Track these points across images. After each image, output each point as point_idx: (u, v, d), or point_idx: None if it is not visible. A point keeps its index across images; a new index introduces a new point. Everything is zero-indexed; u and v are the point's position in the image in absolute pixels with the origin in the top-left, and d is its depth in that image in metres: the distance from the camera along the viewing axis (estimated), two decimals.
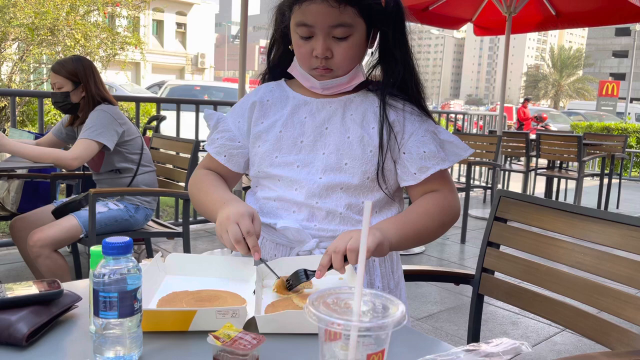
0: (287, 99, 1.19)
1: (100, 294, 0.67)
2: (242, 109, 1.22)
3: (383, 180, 1.13)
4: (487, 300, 2.85)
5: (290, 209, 1.14)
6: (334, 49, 1.08)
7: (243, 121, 1.20)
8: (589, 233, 1.21)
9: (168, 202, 4.88)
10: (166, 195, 3.72)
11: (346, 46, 1.08)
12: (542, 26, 5.66)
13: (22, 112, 6.71)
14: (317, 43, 1.07)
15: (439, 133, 1.15)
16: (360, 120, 1.13)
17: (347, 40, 1.08)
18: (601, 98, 21.33)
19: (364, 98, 1.16)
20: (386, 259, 1.20)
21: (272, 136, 1.15)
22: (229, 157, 1.20)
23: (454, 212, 1.15)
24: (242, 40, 3.35)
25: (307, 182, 1.12)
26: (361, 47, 1.12)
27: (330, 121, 1.14)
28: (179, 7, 30.57)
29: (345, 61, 1.10)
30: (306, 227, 1.12)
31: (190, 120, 4.39)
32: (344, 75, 1.13)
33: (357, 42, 1.09)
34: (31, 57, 7.46)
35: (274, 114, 1.18)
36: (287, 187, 1.14)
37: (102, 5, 7.78)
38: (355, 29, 1.08)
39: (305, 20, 1.06)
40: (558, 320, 1.27)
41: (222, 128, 1.23)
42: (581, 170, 5.52)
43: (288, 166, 1.13)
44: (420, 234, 1.09)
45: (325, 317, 0.55)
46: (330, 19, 1.05)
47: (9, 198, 2.95)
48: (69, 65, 2.49)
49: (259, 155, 1.16)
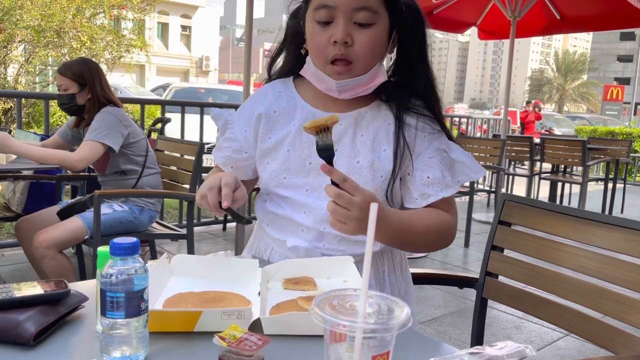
0: (295, 109, 1.13)
1: (107, 294, 0.68)
2: (248, 116, 1.17)
3: (391, 202, 1.09)
4: (491, 305, 2.84)
5: (298, 228, 1.11)
6: (354, 35, 1.01)
7: (250, 130, 1.16)
8: (593, 237, 1.21)
9: (172, 204, 4.89)
10: (170, 197, 3.73)
11: (369, 35, 1.01)
12: (546, 30, 5.66)
13: (28, 114, 6.75)
14: (337, 28, 1.00)
15: (451, 151, 1.09)
16: (371, 142, 1.08)
17: (370, 28, 1.01)
18: (606, 102, 21.27)
19: (376, 113, 1.10)
20: (396, 269, 1.17)
21: (280, 155, 1.11)
22: (236, 168, 1.18)
23: (447, 235, 1.10)
24: (247, 43, 3.37)
25: (315, 207, 1.09)
26: (383, 44, 1.05)
27: (340, 143, 1.08)
28: (184, 10, 30.69)
29: (365, 52, 1.02)
30: (315, 246, 1.10)
31: (194, 122, 4.40)
32: (363, 75, 1.04)
33: (379, 35, 1.03)
34: (37, 59, 7.51)
35: (281, 129, 1.12)
36: (295, 208, 1.11)
37: (108, 8, 7.83)
38: (380, 18, 1.02)
39: (327, 1, 1.00)
40: (562, 325, 1.26)
41: (229, 135, 1.18)
42: (585, 174, 5.51)
43: (297, 189, 1.10)
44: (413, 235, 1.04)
45: (330, 318, 0.55)
46: (354, 1, 0.99)
47: (14, 199, 2.96)
48: (75, 67, 2.50)
49: (267, 173, 1.13)
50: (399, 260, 1.19)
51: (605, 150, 6.34)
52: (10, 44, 7.14)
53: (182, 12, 30.77)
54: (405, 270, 1.22)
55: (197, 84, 16.37)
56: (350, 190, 0.89)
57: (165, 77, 24.76)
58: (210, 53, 34.40)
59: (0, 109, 6.53)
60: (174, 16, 30.44)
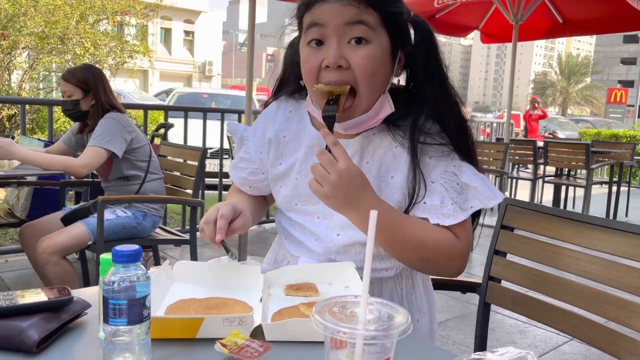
0: (303, 133, 1.08)
1: (109, 301, 0.68)
2: (262, 138, 1.14)
3: None
4: (495, 309, 2.83)
5: (310, 252, 1.10)
6: (349, 56, 0.90)
7: (264, 152, 1.14)
8: (596, 242, 1.21)
9: (175, 209, 4.90)
10: (174, 203, 3.74)
11: (365, 55, 0.90)
12: (549, 34, 5.66)
13: (32, 120, 6.79)
14: (329, 49, 0.90)
15: (461, 174, 0.98)
16: (377, 169, 1.02)
17: (366, 45, 0.91)
18: (609, 105, 21.24)
19: (384, 135, 1.02)
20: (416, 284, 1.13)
21: (289, 182, 1.10)
22: (254, 188, 1.19)
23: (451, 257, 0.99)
24: (250, 48, 3.38)
25: (324, 237, 1.07)
26: (384, 66, 0.95)
27: None
28: (186, 16, 30.82)
29: (366, 76, 0.91)
30: None
31: (197, 127, 4.42)
32: (367, 112, 0.95)
33: (378, 56, 0.92)
34: (41, 66, 7.56)
35: (290, 155, 1.10)
36: (307, 236, 1.10)
37: (112, 14, 7.87)
38: (377, 36, 0.92)
39: (316, 19, 0.91)
40: (566, 330, 1.26)
41: (245, 155, 1.17)
42: (589, 178, 5.49)
43: (309, 215, 1.09)
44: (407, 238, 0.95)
45: (331, 325, 0.55)
46: (346, 15, 0.89)
47: (18, 205, 2.98)
48: (79, 73, 2.52)
49: (280, 197, 1.13)
50: (421, 275, 1.16)
51: (609, 153, 6.32)
52: (14, 50, 7.19)
53: (185, 17, 30.90)
54: (427, 286, 1.18)
55: (200, 89, 16.42)
56: (337, 154, 0.87)
57: (169, 82, 24.85)
58: (213, 58, 34.53)
59: (5, 115, 6.56)
60: (177, 21, 30.56)
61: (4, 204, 3.30)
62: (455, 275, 1.03)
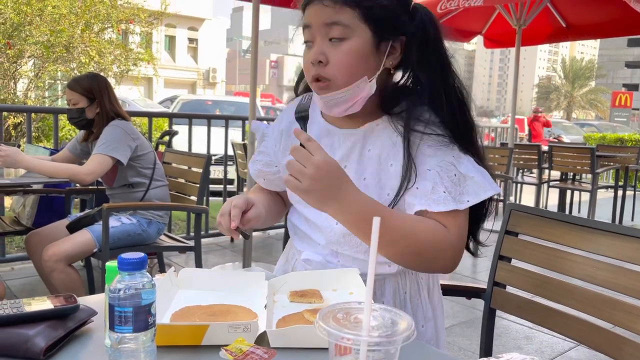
0: (313, 124, 1.12)
1: (115, 308, 0.69)
2: (277, 131, 1.20)
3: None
4: (501, 315, 2.81)
5: (315, 244, 1.13)
6: (329, 53, 0.98)
7: (278, 146, 1.20)
8: (600, 247, 1.21)
9: (180, 216, 4.91)
10: (178, 210, 3.75)
11: (343, 50, 0.97)
12: (552, 38, 5.66)
13: (37, 128, 6.83)
14: (314, 48, 1.00)
15: (460, 165, 0.99)
16: (378, 157, 1.04)
17: (343, 43, 0.97)
18: (614, 109, 21.18)
19: (387, 125, 1.05)
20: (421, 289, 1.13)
21: None
22: (268, 181, 1.24)
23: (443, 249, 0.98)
24: (253, 55, 3.40)
25: (325, 228, 1.09)
26: (365, 57, 0.99)
27: (348, 159, 1.06)
28: (190, 23, 30.98)
29: (341, 70, 0.98)
30: (330, 261, 1.11)
31: (202, 134, 4.43)
32: (343, 89, 0.99)
33: (357, 50, 0.98)
34: (46, 74, 7.61)
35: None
36: (312, 228, 1.13)
37: (116, 22, 7.92)
38: (354, 32, 0.97)
39: (305, 22, 1.01)
40: (572, 335, 1.25)
41: (262, 149, 1.24)
42: (595, 182, 5.47)
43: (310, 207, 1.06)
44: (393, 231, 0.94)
45: (335, 331, 0.56)
46: (324, 17, 0.97)
47: (24, 213, 2.99)
48: (84, 82, 2.54)
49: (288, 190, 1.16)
50: (426, 281, 1.16)
51: (614, 157, 6.30)
52: (20, 59, 7.24)
53: (189, 24, 31.07)
54: (433, 292, 1.17)
55: (204, 96, 16.50)
56: (311, 149, 0.88)
57: (173, 90, 24.96)
58: (217, 65, 34.68)
59: (11, 124, 6.61)
60: (181, 29, 30.74)
61: (10, 212, 3.32)
62: (447, 270, 1.00)
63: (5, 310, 0.77)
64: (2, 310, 0.77)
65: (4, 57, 7.10)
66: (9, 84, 7.26)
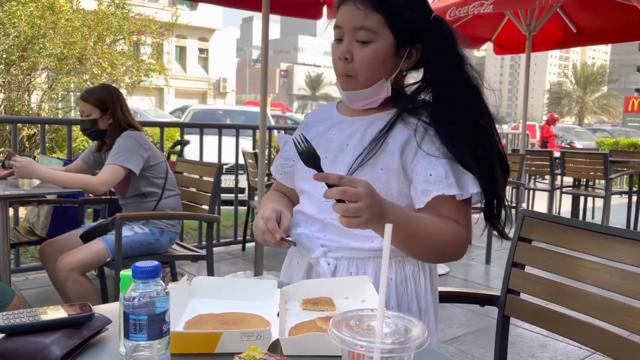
0: (329, 118, 1.24)
1: (130, 316, 0.69)
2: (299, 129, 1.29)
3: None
4: (515, 322, 2.78)
5: (308, 221, 1.19)
6: (355, 52, 1.10)
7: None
8: (615, 253, 1.20)
9: (192, 225, 4.94)
10: (190, 219, 3.77)
11: (367, 52, 1.09)
12: (562, 44, 5.63)
13: (51, 139, 6.90)
14: (342, 45, 1.11)
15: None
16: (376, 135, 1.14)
17: (368, 45, 1.09)
18: (627, 114, 20.98)
19: (390, 116, 1.16)
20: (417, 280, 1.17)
21: None
22: (284, 174, 1.31)
23: (456, 246, 1.07)
24: (263, 64, 3.42)
25: (319, 196, 1.14)
26: (386, 60, 1.11)
27: (351, 138, 1.16)
28: (201, 34, 31.27)
29: (363, 68, 1.10)
30: (317, 237, 1.16)
31: (213, 144, 4.46)
32: (366, 88, 1.12)
33: (380, 52, 1.10)
34: (60, 86, 7.70)
35: (311, 133, 1.22)
36: (307, 200, 1.21)
37: (128, 34, 8.01)
38: (379, 37, 1.09)
39: (337, 22, 1.12)
40: (587, 343, 1.24)
41: (283, 149, 1.32)
42: (608, 188, 5.41)
43: (311, 180, 1.12)
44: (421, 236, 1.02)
45: (348, 339, 0.56)
46: (355, 20, 1.08)
47: (38, 223, 3.02)
48: (97, 93, 2.57)
49: (297, 172, 1.25)
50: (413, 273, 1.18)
51: (627, 162, 6.23)
52: (33, 71, 7.34)
53: (200, 35, 31.36)
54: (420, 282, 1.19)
55: (215, 106, 16.61)
56: (351, 183, 0.91)
57: (184, 100, 25.16)
58: (228, 75, 34.91)
59: (25, 135, 6.69)
60: (192, 39, 31.03)
61: (24, 222, 3.36)
62: (458, 259, 1.11)
63: (22, 319, 0.78)
64: (19, 319, 0.78)
65: (18, 70, 7.21)
66: (23, 96, 7.36)
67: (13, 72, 7.22)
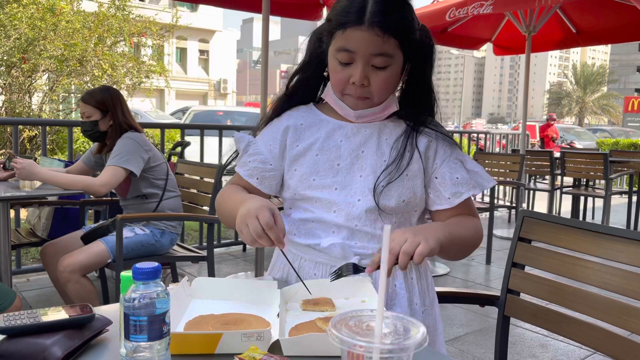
0: (321, 122, 1.20)
1: (130, 317, 0.69)
2: (273, 133, 1.21)
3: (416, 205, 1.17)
4: (516, 323, 2.79)
5: (329, 229, 1.15)
6: (371, 77, 1.09)
7: (275, 144, 1.20)
8: (615, 253, 1.20)
9: (193, 226, 4.94)
10: (191, 220, 3.78)
11: (384, 76, 1.10)
12: (562, 44, 5.63)
13: (52, 141, 6.91)
14: (356, 70, 1.08)
15: (465, 162, 1.18)
16: (394, 143, 1.16)
17: (385, 70, 1.09)
18: (627, 114, 20.98)
19: (397, 125, 1.18)
20: (422, 277, 1.20)
21: (308, 159, 1.17)
22: (261, 179, 1.20)
23: (480, 235, 1.19)
24: (264, 66, 3.43)
25: (345, 205, 1.13)
26: (397, 78, 1.14)
27: (366, 145, 1.16)
28: (201, 35, 31.29)
29: (381, 90, 1.11)
30: (348, 245, 1.14)
31: (213, 145, 4.47)
32: (378, 105, 1.14)
33: (395, 73, 1.11)
34: (60, 88, 7.71)
35: (309, 137, 1.19)
36: (325, 208, 1.15)
37: (129, 36, 8.03)
38: (394, 60, 1.09)
39: (348, 46, 1.07)
40: (588, 343, 1.24)
41: (253, 151, 1.22)
42: (608, 188, 5.41)
43: (326, 188, 1.15)
44: (462, 240, 1.12)
45: (347, 339, 0.56)
46: (373, 47, 1.06)
47: (39, 224, 3.03)
48: (97, 95, 2.58)
49: (296, 178, 1.17)
50: (424, 270, 1.23)
51: (628, 162, 6.23)
52: (34, 73, 7.36)
53: (200, 36, 31.38)
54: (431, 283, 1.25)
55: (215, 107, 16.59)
56: (400, 246, 0.94)
57: (185, 101, 25.18)
58: (228, 76, 34.92)
59: (26, 137, 6.70)
60: (192, 41, 31.05)
61: (25, 223, 3.36)
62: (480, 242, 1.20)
63: (23, 320, 0.79)
64: (20, 320, 0.79)
65: (19, 72, 7.23)
66: (24, 98, 7.37)
67: (14, 74, 7.23)
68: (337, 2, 1.12)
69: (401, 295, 1.16)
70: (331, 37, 1.10)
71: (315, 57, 1.18)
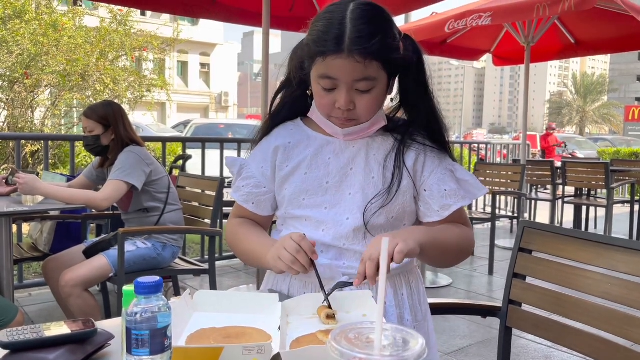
0: (309, 139, 1.20)
1: (132, 332, 0.70)
2: (264, 153, 1.22)
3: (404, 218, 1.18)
4: (520, 334, 2.77)
5: (317, 249, 1.12)
6: (356, 101, 1.09)
7: (266, 166, 1.21)
8: (617, 263, 1.20)
9: (194, 239, 4.94)
10: (192, 233, 3.77)
11: (369, 98, 1.09)
12: (561, 54, 5.67)
13: (54, 155, 6.94)
14: (340, 95, 1.07)
15: (456, 171, 1.17)
16: (383, 159, 1.16)
17: (370, 92, 1.08)
18: (628, 123, 21.01)
19: (386, 139, 1.18)
20: (414, 293, 1.21)
21: (297, 178, 1.17)
22: (257, 203, 1.22)
23: (470, 244, 1.19)
24: (264, 78, 3.45)
25: (334, 223, 1.14)
26: (383, 96, 1.13)
27: (354, 162, 1.16)
28: (202, 48, 31.47)
29: (367, 111, 1.11)
30: (336, 265, 1.14)
31: (215, 158, 4.48)
32: (366, 122, 1.14)
33: (380, 93, 1.11)
34: (63, 102, 7.77)
35: (298, 156, 1.18)
36: (314, 227, 1.16)
37: (130, 50, 8.09)
38: (379, 82, 1.08)
39: (329, 74, 1.06)
40: (590, 354, 1.24)
41: (245, 175, 1.23)
42: (610, 197, 5.41)
43: (316, 208, 1.16)
44: (445, 246, 1.12)
45: (347, 351, 0.56)
46: (355, 74, 1.05)
47: (41, 239, 3.03)
48: (99, 110, 2.59)
49: (287, 198, 1.18)
50: (416, 285, 1.22)
51: (629, 172, 6.23)
52: (37, 88, 7.41)
53: (201, 50, 31.56)
54: (423, 295, 1.24)
55: (216, 120, 16.67)
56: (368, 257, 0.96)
57: (186, 114, 25.24)
58: (229, 89, 35.06)
59: (28, 152, 6.73)
60: (193, 54, 31.23)
61: (27, 238, 3.36)
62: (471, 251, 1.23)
63: (26, 336, 0.79)
64: (23, 336, 0.79)
65: (22, 87, 7.28)
66: (26, 113, 7.42)
67: (17, 89, 7.29)
68: (313, 24, 1.08)
69: (390, 312, 1.16)
70: (312, 62, 1.08)
71: (296, 77, 1.17)
